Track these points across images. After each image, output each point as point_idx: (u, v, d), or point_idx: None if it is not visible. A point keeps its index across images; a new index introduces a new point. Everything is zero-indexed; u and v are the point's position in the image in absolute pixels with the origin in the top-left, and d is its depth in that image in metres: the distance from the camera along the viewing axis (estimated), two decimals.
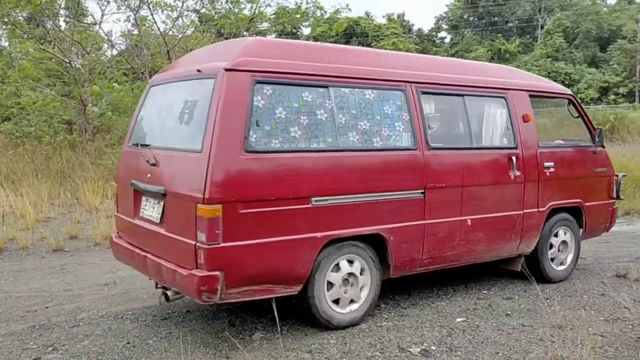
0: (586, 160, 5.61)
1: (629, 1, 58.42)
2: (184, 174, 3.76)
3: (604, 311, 4.60)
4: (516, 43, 48.88)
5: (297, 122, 3.82)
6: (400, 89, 4.35)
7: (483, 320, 4.40)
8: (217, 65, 3.71)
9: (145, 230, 4.10)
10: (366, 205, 4.05)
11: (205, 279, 3.44)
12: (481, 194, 4.72)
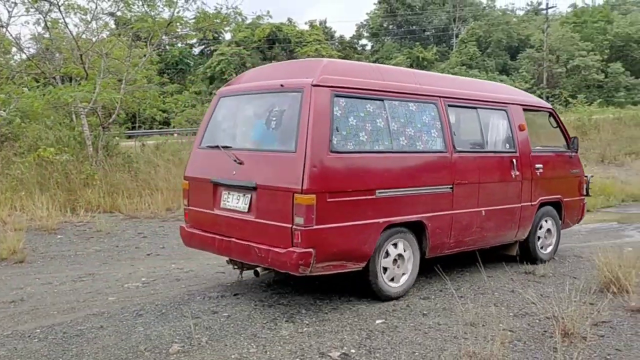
0: (564, 163, 6.76)
1: (535, 12, 62.16)
2: (278, 171, 4.48)
3: (514, 307, 4.84)
4: (433, 51, 50.72)
5: (364, 128, 4.70)
6: (433, 102, 5.31)
7: (401, 321, 4.50)
8: (303, 81, 4.51)
9: (228, 219, 4.82)
10: (412, 197, 4.95)
11: (302, 254, 4.23)
12: (492, 189, 5.71)
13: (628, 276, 5.04)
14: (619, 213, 10.28)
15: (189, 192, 5.35)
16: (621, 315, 4.57)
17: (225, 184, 4.90)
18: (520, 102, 6.44)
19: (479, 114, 5.84)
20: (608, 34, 48.90)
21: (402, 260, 5.02)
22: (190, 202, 5.34)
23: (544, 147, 6.81)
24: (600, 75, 45.84)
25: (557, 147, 6.85)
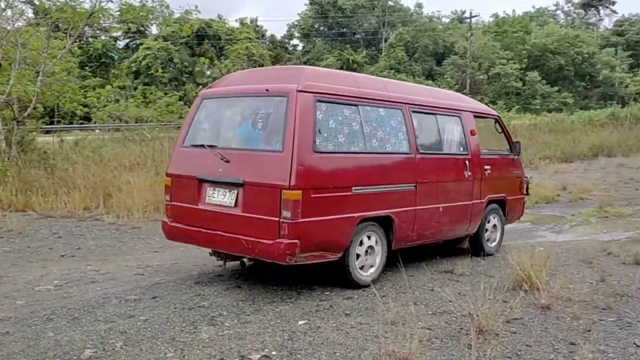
0: (508, 165, 7.45)
1: (460, 21, 64.51)
2: (265, 168, 4.83)
3: (433, 305, 4.96)
4: (363, 54, 51.52)
5: (342, 130, 5.14)
6: (399, 108, 5.82)
7: (324, 321, 4.50)
8: (288, 87, 4.90)
9: (213, 213, 5.10)
10: (382, 194, 5.44)
11: (289, 245, 4.61)
12: (448, 188, 6.29)
13: (539, 275, 5.29)
14: (533, 214, 10.77)
15: (171, 188, 5.59)
16: (532, 312, 4.78)
17: (210, 180, 5.20)
18: (471, 109, 7.14)
19: (437, 120, 6.43)
20: (526, 43, 51.50)
21: (372, 252, 5.49)
22: (172, 198, 5.58)
23: (490, 150, 7.31)
24: (519, 83, 48.20)
25: (501, 150, 7.49)
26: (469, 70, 48.28)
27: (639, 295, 5.31)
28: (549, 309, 4.83)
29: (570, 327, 4.44)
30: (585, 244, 7.80)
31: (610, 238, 7.88)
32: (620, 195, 12.77)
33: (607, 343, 4.13)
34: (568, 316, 4.68)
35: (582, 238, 8.46)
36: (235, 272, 5.98)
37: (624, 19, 63.59)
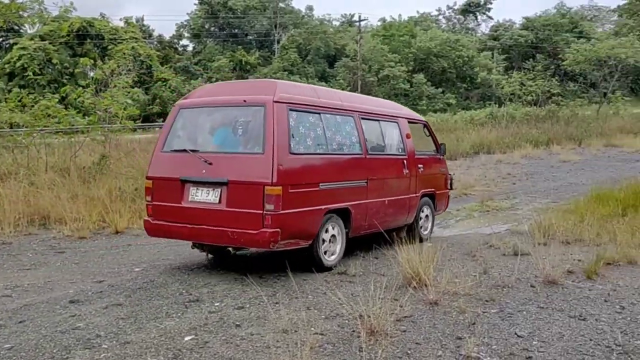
0: (436, 164, 8.47)
1: (350, 24, 66.17)
2: (248, 169, 5.51)
3: (325, 309, 4.88)
4: (256, 55, 51.31)
5: (309, 135, 5.94)
6: (351, 116, 6.73)
7: (212, 334, 4.28)
8: (265, 98, 5.65)
9: (197, 210, 5.68)
10: (342, 189, 6.26)
11: (273, 233, 5.32)
12: (391, 184, 7.20)
13: (427, 271, 5.40)
14: None
15: (152, 190, 6.08)
16: (421, 309, 4.86)
17: (194, 181, 5.77)
18: (406, 116, 8.19)
19: (380, 125, 7.37)
20: (412, 47, 53.89)
21: (334, 240, 6.24)
22: (154, 199, 6.05)
23: (422, 151, 8.23)
24: (406, 85, 50.34)
25: (430, 151, 8.49)
26: (359, 73, 49.61)
27: (518, 285, 5.59)
28: (437, 304, 4.93)
29: (457, 322, 4.55)
30: (469, 238, 8.14)
31: (491, 231, 8.31)
32: (499, 190, 13.58)
33: (491, 335, 4.27)
34: (454, 310, 4.80)
35: (466, 232, 8.84)
36: (117, 287, 5.58)
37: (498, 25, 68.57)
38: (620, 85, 40.81)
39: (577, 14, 68.88)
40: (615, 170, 15.98)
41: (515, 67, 56.93)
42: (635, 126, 27.11)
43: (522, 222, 9.06)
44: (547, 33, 61.05)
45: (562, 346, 4.07)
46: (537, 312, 4.79)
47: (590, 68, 36.30)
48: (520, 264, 6.05)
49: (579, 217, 8.34)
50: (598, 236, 7.47)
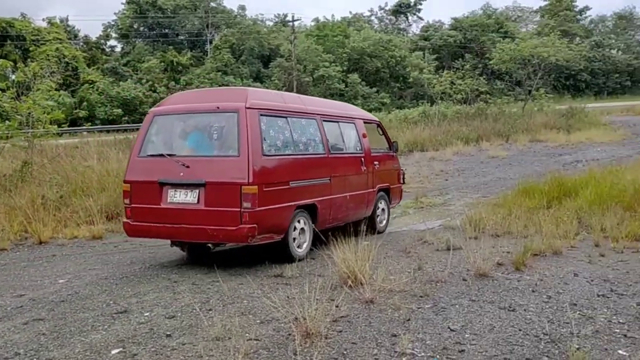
0: (390, 160, 9.05)
1: (283, 24, 66.02)
2: (225, 170, 5.92)
3: (261, 314, 4.78)
4: (188, 56, 50.26)
5: (279, 137, 6.46)
6: (314, 119, 7.24)
7: (142, 346, 4.09)
8: (237, 105, 6.06)
9: (176, 210, 6.02)
10: (309, 186, 6.74)
11: (250, 229, 5.74)
12: (351, 180, 7.69)
13: (362, 269, 5.40)
14: None
15: (130, 193, 6.38)
16: (357, 308, 4.85)
17: (172, 183, 6.12)
18: (361, 117, 8.76)
19: (340, 126, 7.88)
20: (346, 47, 54.37)
21: (303, 233, 6.67)
22: (132, 201, 6.37)
23: (376, 149, 8.71)
24: (342, 85, 50.73)
25: (384, 148, 9.04)
26: (294, 73, 49.56)
27: (451, 279, 5.69)
28: (373, 302, 4.94)
29: (392, 319, 4.57)
30: (404, 235, 8.25)
31: (425, 227, 8.46)
32: (433, 186, 13.88)
33: (425, 330, 4.31)
34: (390, 308, 4.82)
35: (402, 229, 8.96)
36: (39, 301, 5.26)
37: (428, 25, 70.31)
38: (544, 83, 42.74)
39: (502, 15, 71.66)
40: (540, 164, 16.67)
41: (446, 66, 58.53)
42: (558, 122, 28.41)
43: (455, 217, 9.27)
44: (474, 33, 63.13)
45: (493, 337, 4.15)
46: (469, 305, 4.88)
47: (515, 67, 37.76)
48: (452, 259, 6.18)
49: (507, 211, 8.62)
50: (525, 228, 7.75)
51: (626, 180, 9.27)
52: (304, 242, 6.74)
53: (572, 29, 66.29)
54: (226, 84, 47.55)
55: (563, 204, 8.78)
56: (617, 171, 10.48)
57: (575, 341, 4.01)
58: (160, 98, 44.15)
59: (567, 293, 5.17)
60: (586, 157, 17.42)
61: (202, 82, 46.67)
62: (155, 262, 6.90)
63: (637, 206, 8.01)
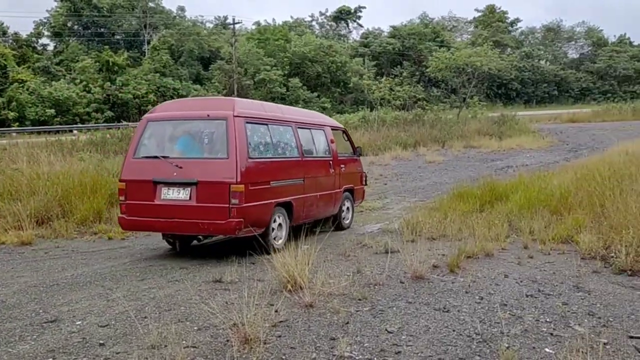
0: (354, 163, 9.91)
1: (224, 26, 65.41)
2: (215, 171, 6.65)
3: (198, 320, 4.71)
4: (125, 56, 48.86)
5: (261, 142, 7.23)
6: (290, 126, 8.03)
7: (73, 356, 3.95)
8: (226, 113, 6.80)
9: (169, 206, 6.70)
10: (286, 186, 7.48)
11: (238, 222, 6.49)
12: (321, 181, 8.50)
13: (302, 273, 5.42)
14: None
15: (125, 191, 7.01)
16: (296, 312, 4.86)
17: (165, 182, 6.77)
18: (330, 124, 9.67)
19: (312, 133, 8.66)
20: (287, 51, 54.46)
21: (280, 228, 7.40)
22: (127, 198, 7.00)
23: (342, 153, 9.53)
24: (283, 89, 50.77)
25: (349, 153, 9.87)
26: (235, 76, 49.18)
27: (389, 282, 5.79)
28: (312, 306, 4.96)
29: (331, 322, 4.61)
30: (344, 239, 8.33)
31: (364, 231, 8.58)
32: (372, 191, 14.08)
33: (363, 333, 4.37)
34: (329, 311, 4.86)
35: (341, 233, 9.05)
36: None
37: (368, 32, 71.56)
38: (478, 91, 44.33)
39: (438, 24, 73.89)
40: (474, 169, 17.26)
41: (385, 73, 59.70)
42: (490, 129, 29.50)
43: (393, 221, 9.46)
44: (412, 41, 64.74)
45: (429, 338, 4.26)
46: (405, 307, 4.99)
47: (451, 75, 39.00)
48: (390, 262, 6.29)
49: (443, 214, 8.87)
50: (460, 231, 8.00)
51: (553, 185, 9.75)
52: (282, 236, 7.45)
53: (503, 40, 69.20)
54: (164, 85, 46.61)
55: (495, 208, 9.13)
56: (545, 176, 11.01)
57: (505, 340, 4.18)
58: (95, 99, 42.89)
59: (498, 294, 5.38)
60: (516, 162, 18.18)
61: (139, 83, 45.55)
62: (89, 269, 6.67)
63: (562, 210, 8.43)
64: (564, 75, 70.12)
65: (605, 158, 12.85)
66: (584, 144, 23.94)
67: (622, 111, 40.31)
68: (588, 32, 77.40)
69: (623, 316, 4.74)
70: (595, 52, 74.01)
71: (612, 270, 6.04)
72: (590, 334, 4.28)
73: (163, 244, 7.88)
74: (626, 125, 31.31)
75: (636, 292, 5.35)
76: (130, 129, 23.01)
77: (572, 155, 19.37)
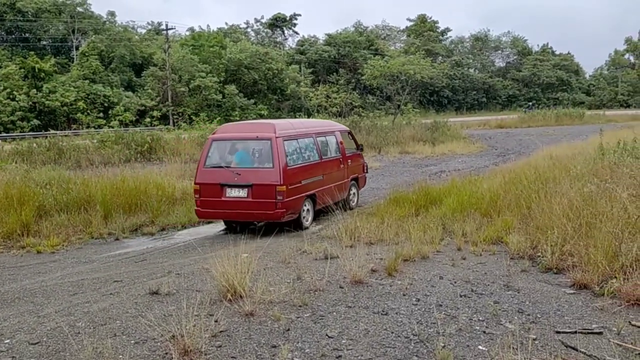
0: (358, 157, 12.55)
1: (157, 32, 64.03)
2: (265, 176, 9.15)
3: (135, 334, 4.60)
4: (52, 62, 46.87)
5: (294, 153, 9.68)
6: (312, 136, 10.48)
7: None
8: (270, 134, 9.32)
9: (233, 201, 9.23)
10: (311, 182, 9.93)
11: (282, 212, 9.01)
12: (334, 175, 10.98)
13: (242, 282, 5.39)
14: None
15: (199, 190, 9.45)
16: (237, 322, 4.83)
17: (229, 184, 9.22)
18: (338, 129, 12.23)
19: (326, 139, 11.27)
20: (223, 58, 53.93)
21: (308, 212, 9.97)
22: (201, 195, 9.44)
23: (349, 149, 12.14)
24: (219, 96, 50.19)
25: (354, 149, 12.49)
26: (169, 82, 48.21)
27: (329, 287, 5.85)
28: (253, 315, 4.95)
29: (272, 330, 4.61)
30: (284, 245, 8.33)
31: (304, 237, 8.60)
32: None
33: (304, 339, 4.40)
34: (270, 319, 4.86)
35: (281, 239, 9.05)
36: None
37: (304, 40, 71.95)
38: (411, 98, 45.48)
39: (372, 33, 75.30)
40: (409, 174, 17.68)
41: (321, 80, 60.24)
42: (424, 135, 30.26)
43: (332, 226, 9.55)
44: (347, 49, 65.67)
45: (368, 341, 4.35)
46: (345, 312, 5.06)
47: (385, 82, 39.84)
48: (330, 267, 6.36)
49: (380, 219, 9.04)
50: (396, 235, 8.18)
51: (483, 188, 10.15)
52: (309, 218, 10.04)
53: (435, 49, 71.42)
54: (94, 92, 45.09)
55: (430, 212, 9.40)
56: (476, 181, 11.44)
57: (441, 340, 4.32)
58: (20, 107, 40.84)
59: (433, 295, 5.55)
60: (449, 167, 18.77)
61: (68, 90, 43.83)
62: (17, 284, 6.37)
63: (492, 212, 8.79)
64: (492, 83, 73.18)
65: (531, 162, 13.50)
66: (511, 148, 25.02)
67: (546, 117, 42.45)
68: (513, 42, 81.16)
69: (550, 312, 5.00)
70: (521, 61, 77.77)
71: (539, 268, 6.36)
72: (520, 330, 4.50)
73: (95, 256, 7.64)
74: (550, 131, 33.01)
75: (561, 289, 5.66)
76: (59, 138, 22.12)
77: (501, 160, 20.20)
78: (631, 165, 7.95)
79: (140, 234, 9.77)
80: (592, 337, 4.44)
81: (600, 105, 68.92)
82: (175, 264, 7.26)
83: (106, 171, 13.77)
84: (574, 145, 18.50)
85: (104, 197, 10.39)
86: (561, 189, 8.11)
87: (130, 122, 39.47)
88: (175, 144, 23.43)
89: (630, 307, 5.01)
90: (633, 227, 6.03)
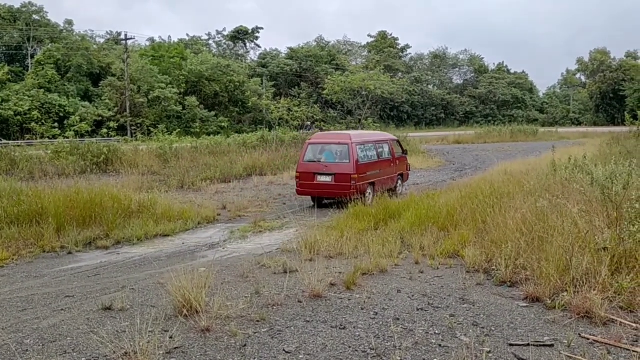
0: (403, 159, 16.78)
1: (116, 42, 63.03)
2: (344, 168, 13.88)
3: (87, 351, 4.47)
4: (5, 70, 45.44)
5: (362, 154, 14.50)
6: (373, 143, 15.52)
7: None
8: (347, 141, 14.19)
9: (322, 184, 14.05)
10: (372, 174, 14.59)
11: (354, 192, 13.63)
12: (387, 170, 15.51)
13: (198, 297, 5.31)
14: (195, 235, 10.99)
15: (300, 176, 14.14)
16: (192, 338, 4.75)
17: (319, 173, 13.86)
18: (390, 138, 16.60)
19: (383, 145, 15.51)
20: (183, 69, 53.46)
21: (369, 194, 13.89)
22: (300, 179, 14.12)
23: (398, 153, 16.17)
24: (179, 107, 49.65)
25: (400, 152, 16.49)
26: (127, 93, 47.44)
27: (287, 302, 5.82)
28: (209, 330, 4.87)
29: (228, 346, 4.55)
30: (243, 259, 8.26)
31: (263, 251, 8.56)
32: (271, 210, 14.12)
33: (261, 355, 4.36)
34: (226, 335, 4.79)
35: (240, 254, 8.97)
36: None
37: (266, 53, 72.05)
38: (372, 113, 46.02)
39: (334, 48, 76.07)
40: None
41: (283, 93, 60.29)
42: None
43: (292, 240, 9.52)
44: (309, 63, 66.09)
45: (326, 356, 4.33)
46: (304, 327, 5.04)
47: (347, 97, 40.26)
48: (289, 281, 6.33)
49: (340, 233, 9.07)
50: (356, 249, 8.22)
51: (441, 203, 10.33)
52: (370, 198, 13.64)
53: (395, 65, 72.65)
54: (49, 102, 43.99)
55: (389, 226, 9.49)
56: (433, 195, 11.65)
57: (397, 354, 4.34)
58: None
59: (391, 309, 5.59)
60: (408, 182, 19.02)
61: (22, 99, 42.60)
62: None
63: (449, 226, 8.94)
64: (450, 99, 74.79)
65: (486, 177, 13.86)
66: (468, 163, 25.57)
67: (502, 133, 43.66)
68: (471, 60, 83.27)
69: (504, 325, 5.10)
70: (478, 79, 79.81)
71: (494, 282, 6.49)
72: (475, 343, 4.57)
73: (47, 271, 7.40)
74: (505, 147, 33.90)
75: (515, 303, 5.78)
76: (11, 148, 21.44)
77: (458, 175, 20.61)
78: (581, 182, 8.22)
79: (94, 248, 9.48)
80: (544, 349, 4.55)
81: (553, 122, 71.30)
82: (130, 279, 7.10)
83: (60, 183, 13.40)
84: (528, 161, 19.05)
85: (57, 209, 10.06)
86: (515, 203, 8.33)
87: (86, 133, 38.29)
88: (132, 155, 23.03)
89: (580, 320, 5.16)
90: (583, 241, 6.22)
